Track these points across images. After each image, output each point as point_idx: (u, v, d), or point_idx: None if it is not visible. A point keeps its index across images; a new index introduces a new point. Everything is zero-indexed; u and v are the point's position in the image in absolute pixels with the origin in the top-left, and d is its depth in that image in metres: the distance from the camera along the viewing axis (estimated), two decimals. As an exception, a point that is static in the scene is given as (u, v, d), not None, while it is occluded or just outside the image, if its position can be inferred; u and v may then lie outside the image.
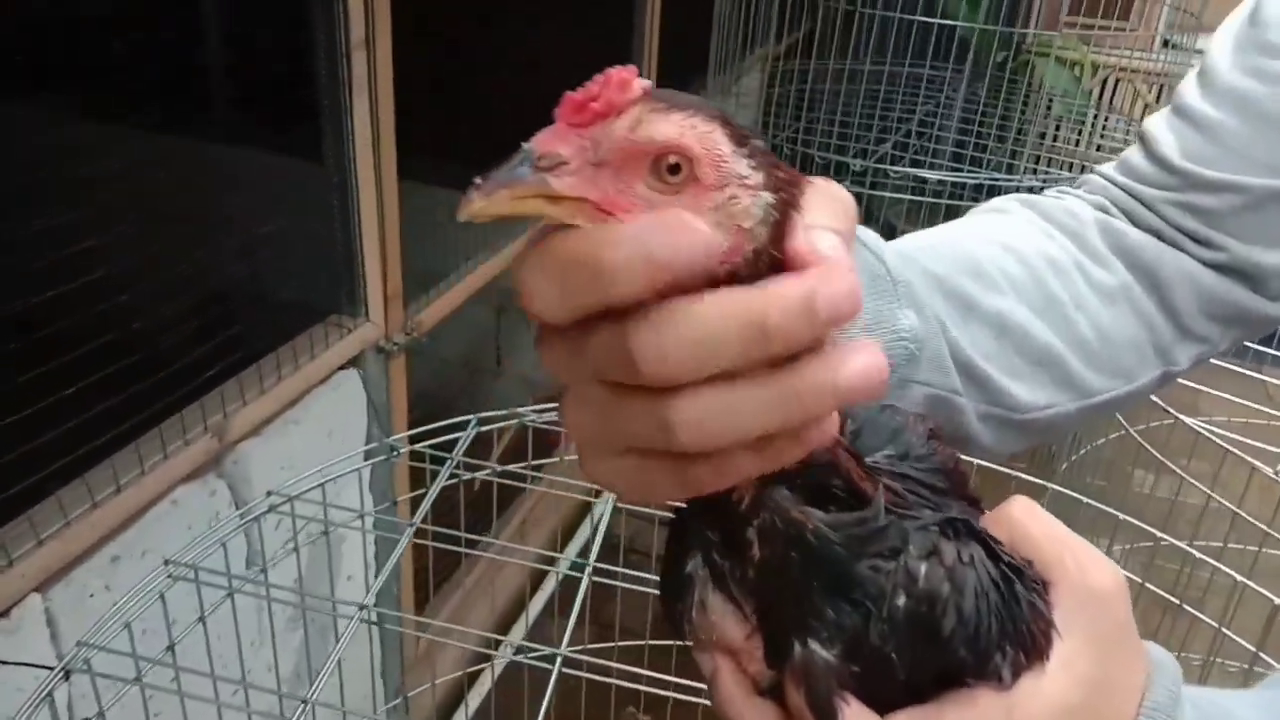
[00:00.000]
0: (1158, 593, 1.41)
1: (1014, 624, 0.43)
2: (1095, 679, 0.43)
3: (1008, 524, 0.46)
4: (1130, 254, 0.65)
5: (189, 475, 1.43)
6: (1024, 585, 0.44)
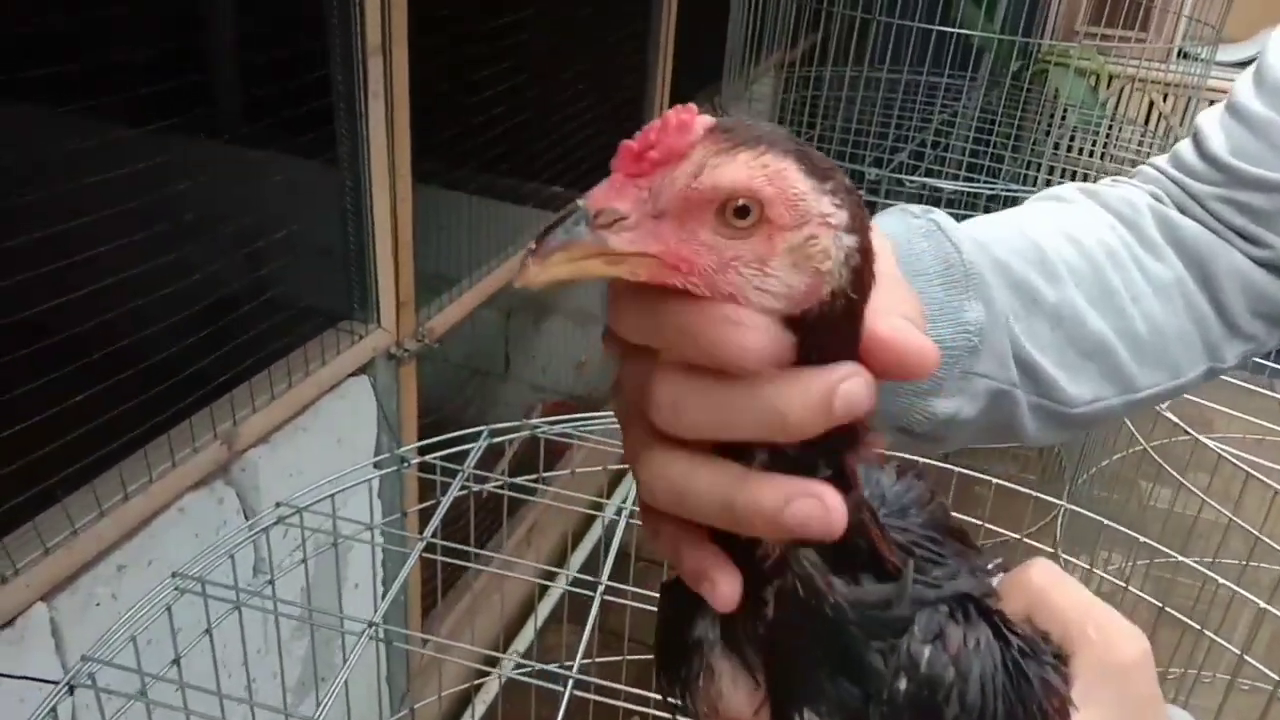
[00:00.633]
0: (1180, 617, 1.40)
1: (1024, 705, 0.41)
2: None
3: (1026, 589, 0.44)
4: (1184, 246, 0.65)
5: (197, 483, 1.42)
6: (1038, 661, 0.42)
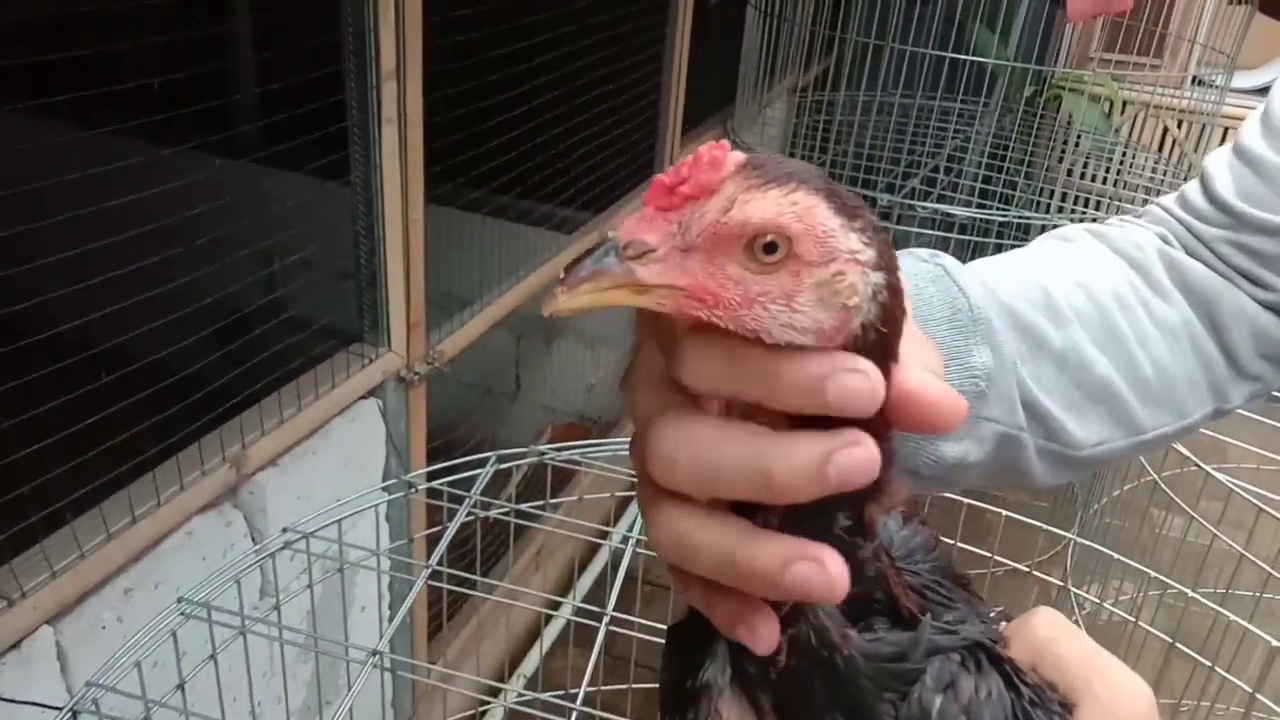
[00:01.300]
0: (1189, 652, 1.39)
1: None
2: None
3: (1030, 639, 0.44)
4: (1191, 289, 0.65)
5: (205, 506, 1.42)
6: (1046, 711, 0.42)
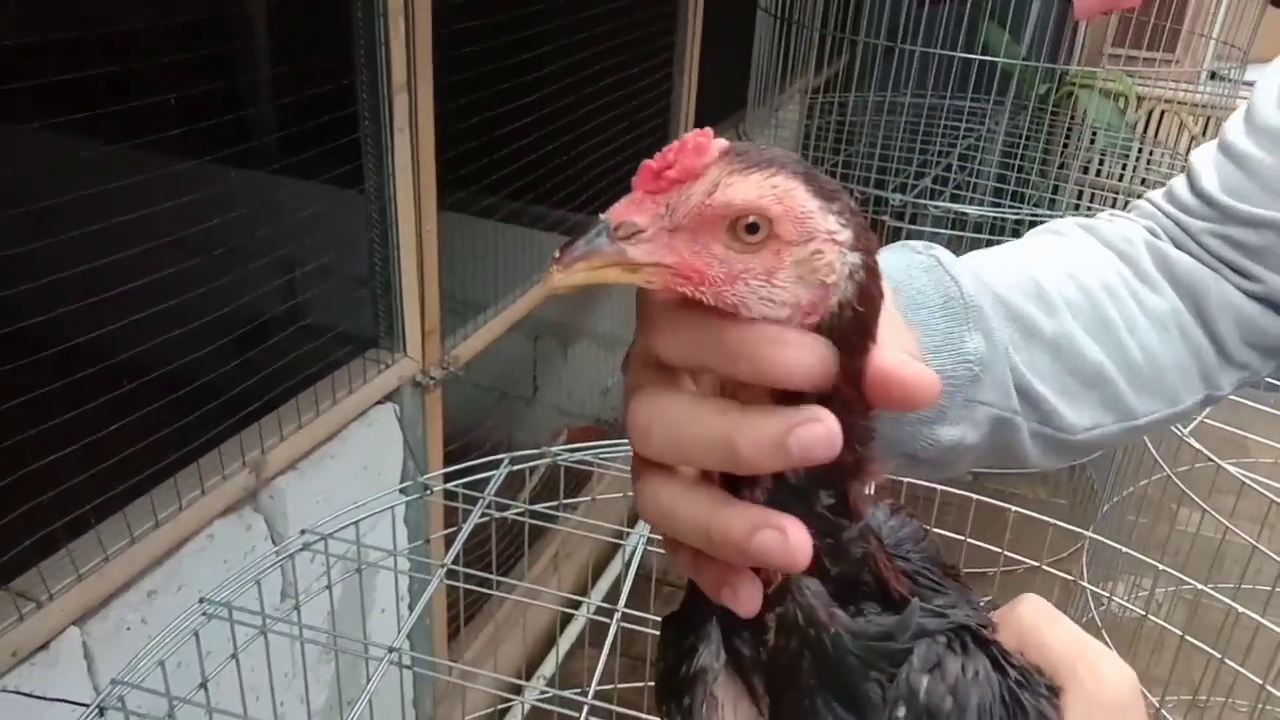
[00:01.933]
0: (1202, 646, 1.39)
1: None
2: None
3: (1017, 626, 0.45)
4: (1179, 279, 0.67)
5: (226, 510, 1.45)
6: (1033, 693, 0.43)
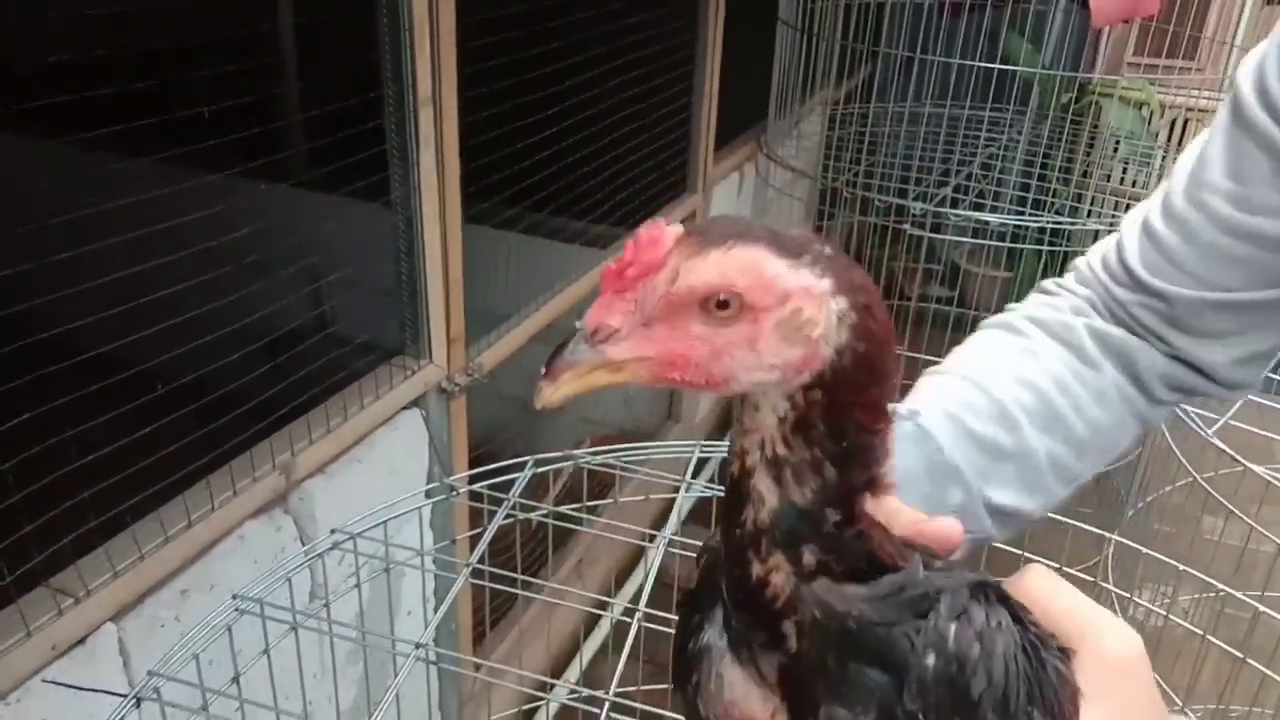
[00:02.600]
0: (1224, 647, 1.38)
1: (1041, 690, 0.42)
2: None
3: (1025, 594, 0.46)
4: (1114, 350, 0.78)
5: (256, 511, 1.48)
6: (1048, 650, 0.44)
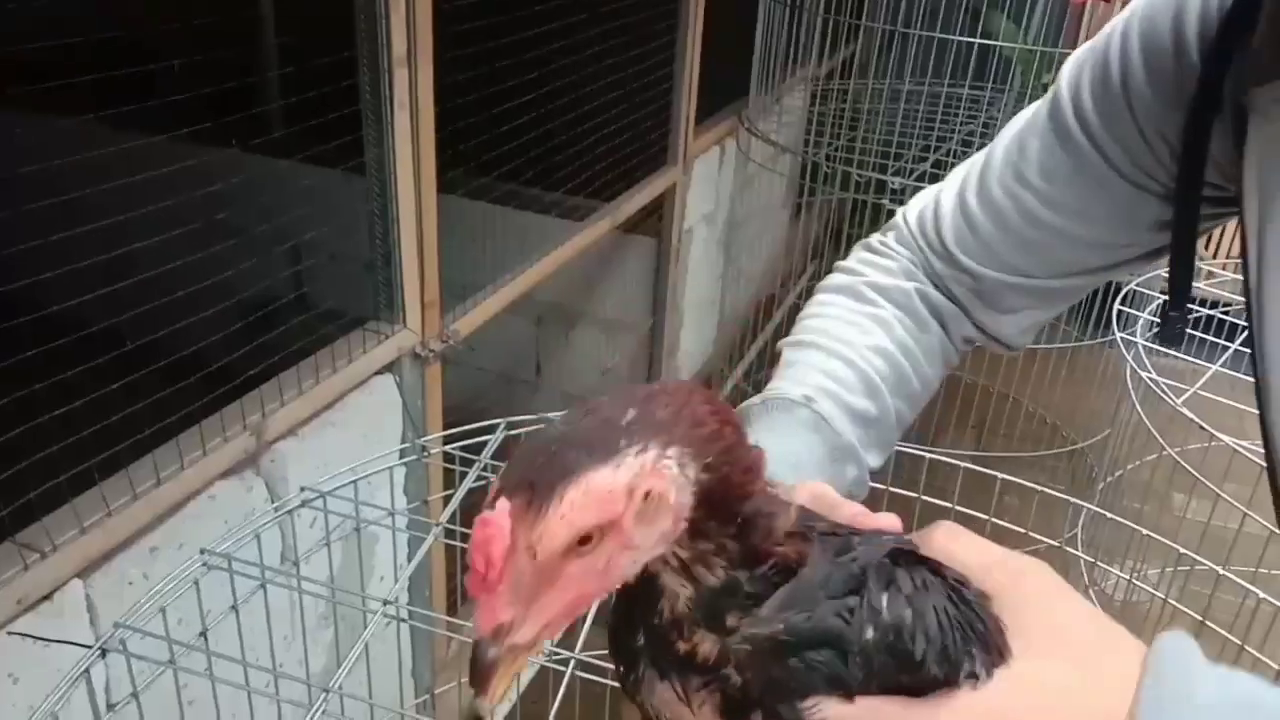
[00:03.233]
0: (1187, 611, 1.40)
1: (973, 629, 0.44)
2: (1077, 655, 0.44)
3: (933, 547, 0.48)
4: (938, 311, 0.86)
5: (227, 471, 1.48)
6: (970, 592, 0.46)
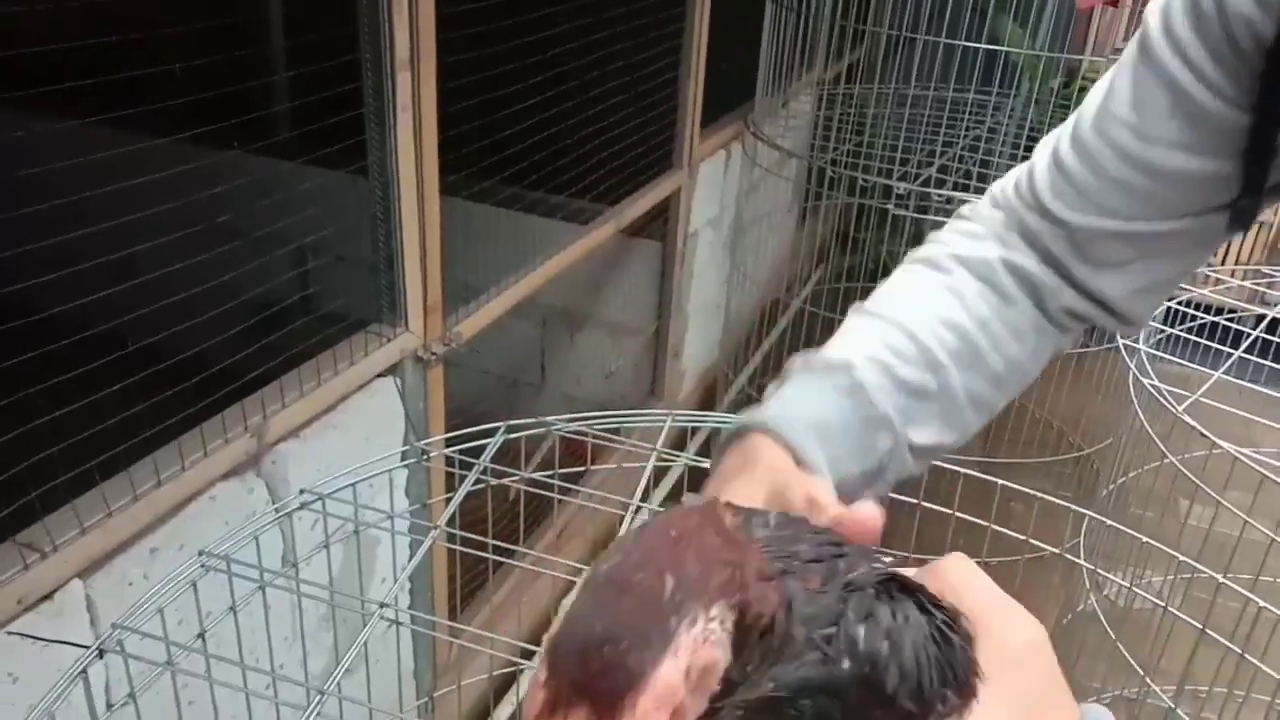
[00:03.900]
0: (1215, 637, 1.39)
1: (954, 670, 0.44)
2: None
3: (939, 579, 0.48)
4: (1029, 285, 0.80)
5: (228, 473, 1.48)
6: (956, 634, 0.46)
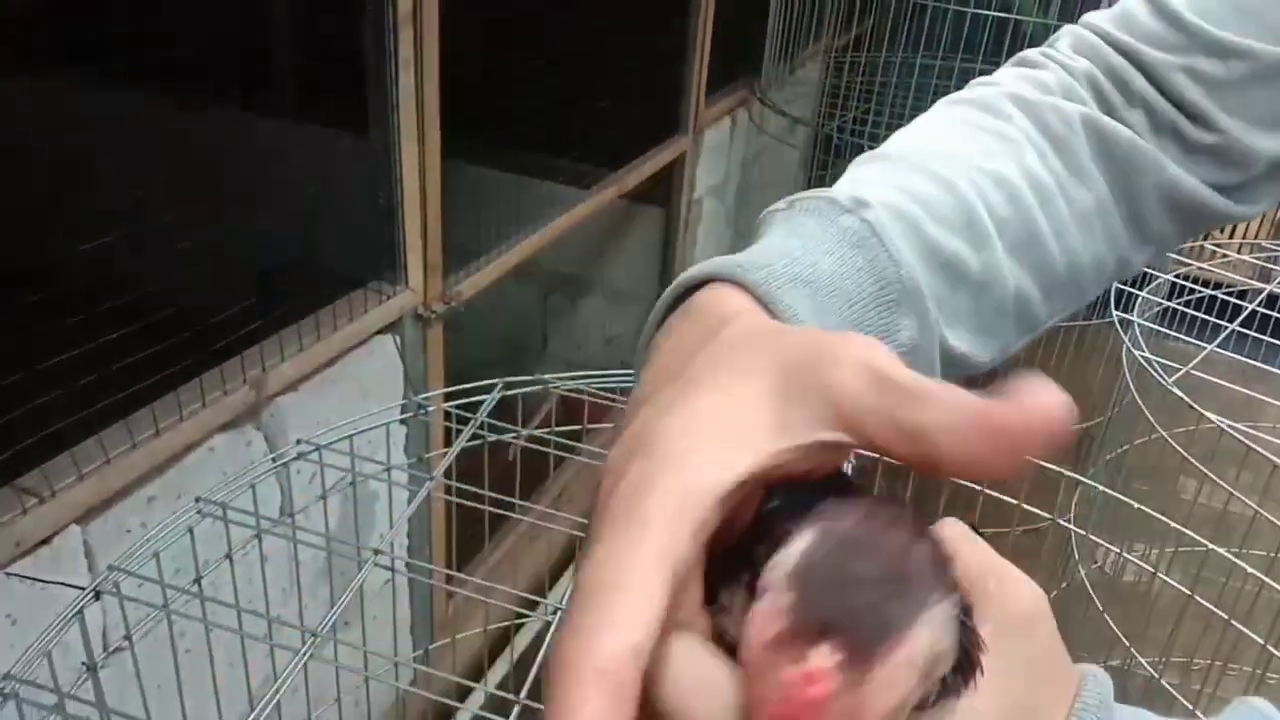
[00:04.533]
0: (1203, 603, 1.40)
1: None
2: (1021, 702, 0.44)
3: None
4: (1114, 160, 0.61)
5: (226, 424, 1.50)
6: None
